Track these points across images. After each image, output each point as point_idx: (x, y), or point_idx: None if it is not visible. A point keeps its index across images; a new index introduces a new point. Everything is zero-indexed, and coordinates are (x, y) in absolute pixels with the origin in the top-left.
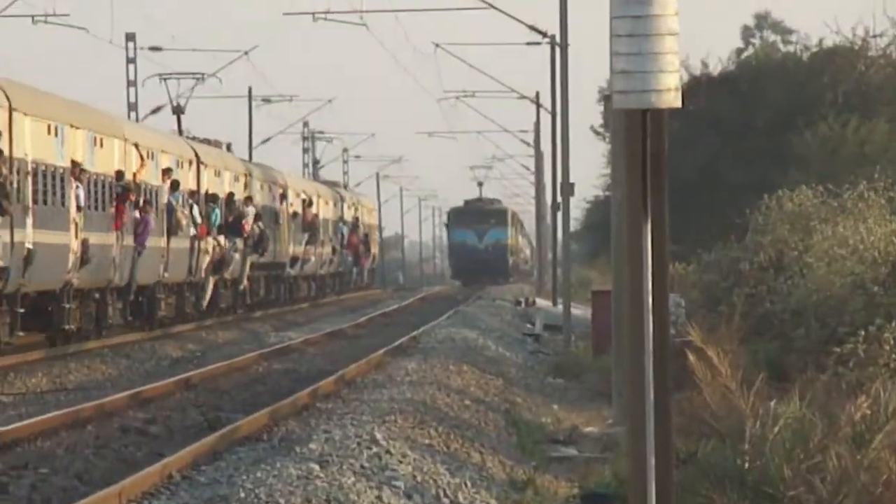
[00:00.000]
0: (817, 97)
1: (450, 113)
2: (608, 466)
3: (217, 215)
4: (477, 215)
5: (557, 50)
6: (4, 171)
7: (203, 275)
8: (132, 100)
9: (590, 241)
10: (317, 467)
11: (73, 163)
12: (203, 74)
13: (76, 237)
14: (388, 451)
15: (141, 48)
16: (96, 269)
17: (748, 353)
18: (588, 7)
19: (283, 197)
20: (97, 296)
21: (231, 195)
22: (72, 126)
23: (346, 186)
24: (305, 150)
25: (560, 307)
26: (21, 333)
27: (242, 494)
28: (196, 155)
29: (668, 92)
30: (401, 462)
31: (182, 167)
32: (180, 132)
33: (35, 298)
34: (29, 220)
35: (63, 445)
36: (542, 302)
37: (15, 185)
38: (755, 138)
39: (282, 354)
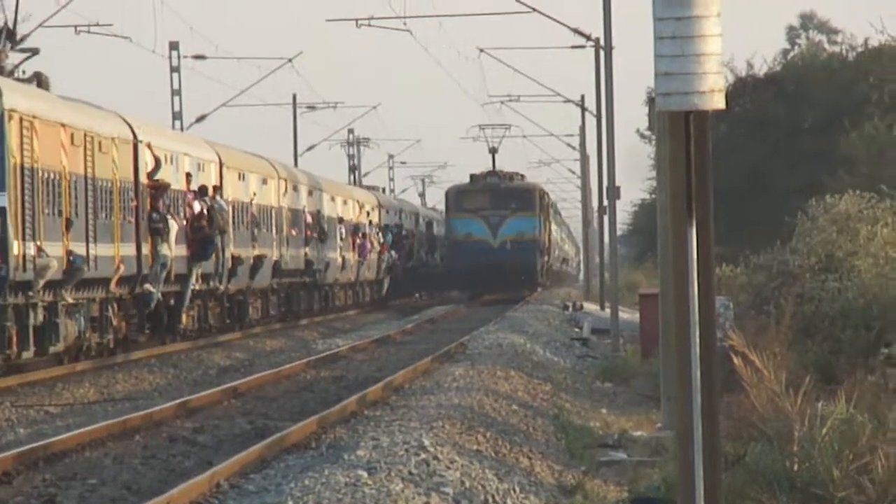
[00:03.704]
0: (863, 98)
1: (495, 118)
2: (657, 470)
3: (390, 238)
4: (489, 197)
5: (602, 53)
6: (323, 223)
7: (382, 275)
8: (176, 109)
9: (637, 244)
10: (365, 474)
11: (339, 216)
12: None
13: (340, 255)
14: (435, 458)
15: (185, 57)
16: (346, 272)
17: (796, 355)
18: (632, 9)
19: (417, 221)
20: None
21: (396, 224)
22: (338, 195)
23: (392, 192)
24: (350, 157)
25: (608, 311)
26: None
27: (291, 502)
28: (378, 201)
29: (712, 94)
30: (448, 468)
31: (374, 210)
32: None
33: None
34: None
35: (111, 456)
36: (589, 306)
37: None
38: (802, 140)
39: (329, 362)
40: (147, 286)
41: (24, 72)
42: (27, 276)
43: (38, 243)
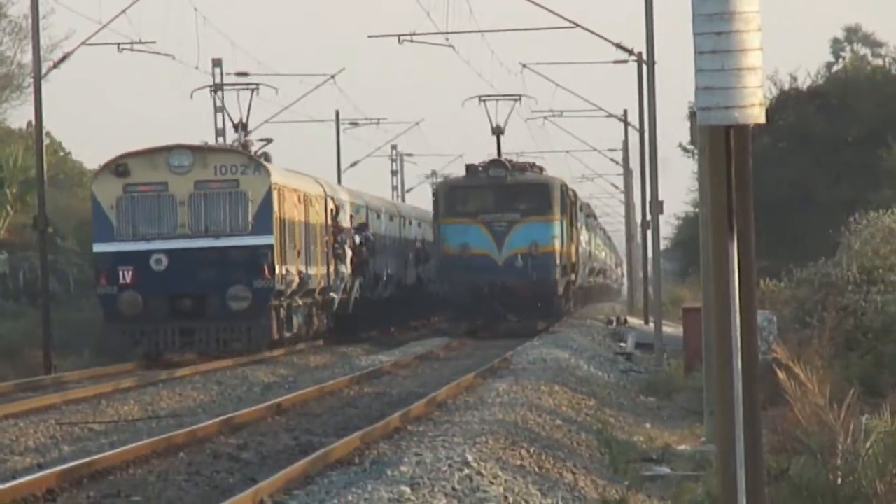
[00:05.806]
0: None
1: (538, 133)
2: (701, 485)
3: None
4: (492, 196)
5: (644, 67)
6: (428, 249)
7: None
8: (220, 125)
9: (680, 258)
10: (408, 490)
11: None
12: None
13: None
14: (479, 473)
15: (227, 73)
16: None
17: (840, 368)
18: (674, 24)
19: None
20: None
21: None
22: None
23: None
24: (394, 173)
25: (651, 325)
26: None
27: None
28: None
29: (752, 108)
30: (492, 483)
31: None
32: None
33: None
34: (431, 265)
35: (155, 473)
36: (633, 320)
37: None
38: (846, 153)
39: (373, 378)
40: (332, 294)
41: (257, 151)
42: (281, 287)
43: (287, 266)
